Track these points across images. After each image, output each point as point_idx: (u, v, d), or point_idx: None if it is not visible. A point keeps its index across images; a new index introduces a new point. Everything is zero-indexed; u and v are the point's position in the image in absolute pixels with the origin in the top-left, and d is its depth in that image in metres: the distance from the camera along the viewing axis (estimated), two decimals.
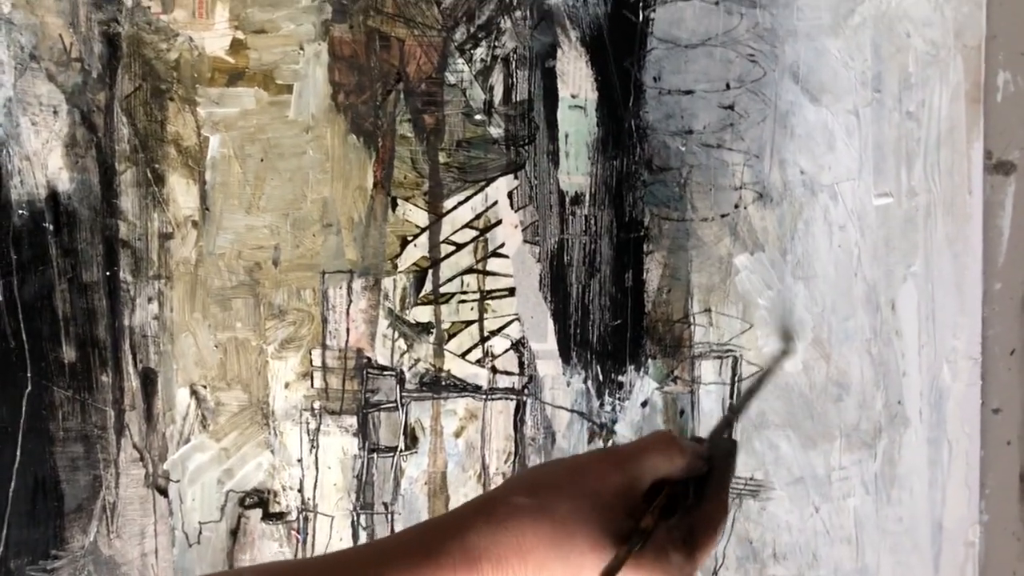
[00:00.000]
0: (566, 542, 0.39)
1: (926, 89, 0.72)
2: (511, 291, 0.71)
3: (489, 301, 0.71)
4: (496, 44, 0.70)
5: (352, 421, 0.69)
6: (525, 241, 0.71)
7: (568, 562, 0.39)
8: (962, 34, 0.72)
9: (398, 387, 0.70)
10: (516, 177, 0.70)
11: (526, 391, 0.71)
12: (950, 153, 0.72)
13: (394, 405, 0.70)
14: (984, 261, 0.73)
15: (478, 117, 0.70)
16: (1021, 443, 0.74)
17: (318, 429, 0.69)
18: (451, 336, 0.70)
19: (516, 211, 0.70)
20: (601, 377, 0.71)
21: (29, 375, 0.66)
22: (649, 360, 0.71)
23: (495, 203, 0.70)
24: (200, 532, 0.68)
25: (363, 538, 0.70)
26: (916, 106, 0.72)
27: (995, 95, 0.73)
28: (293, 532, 0.69)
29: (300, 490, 0.69)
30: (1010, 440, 0.74)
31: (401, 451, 0.70)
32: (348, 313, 0.69)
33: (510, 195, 0.70)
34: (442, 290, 0.70)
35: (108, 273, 0.67)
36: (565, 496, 0.40)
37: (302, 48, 0.68)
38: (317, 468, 0.69)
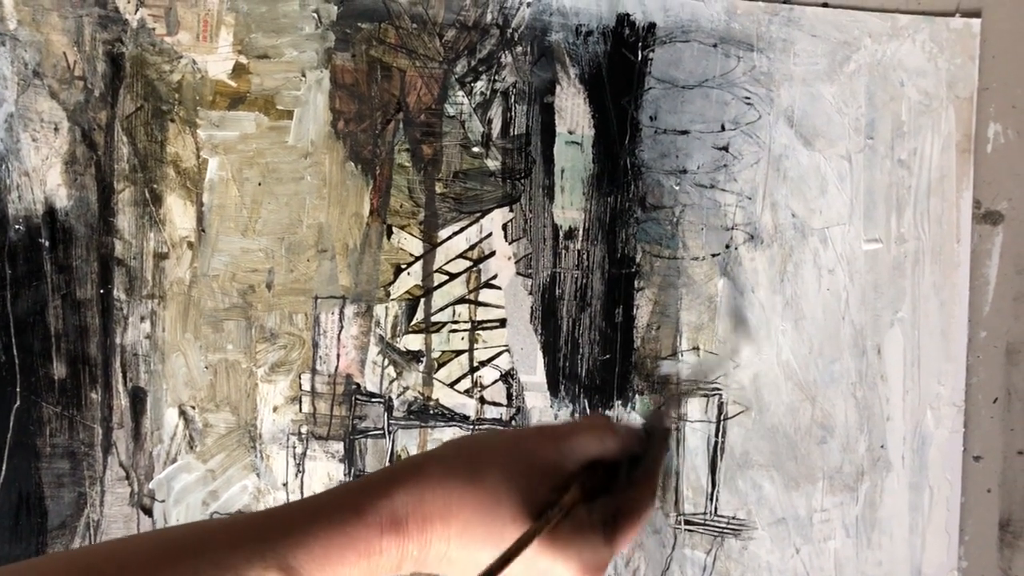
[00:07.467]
0: (492, 508, 0.39)
1: (918, 138, 0.73)
2: (502, 322, 0.71)
3: (480, 331, 0.71)
4: (496, 78, 0.71)
5: (339, 447, 0.70)
6: (518, 273, 0.71)
7: (491, 528, 0.39)
8: (955, 85, 0.73)
9: (386, 414, 0.70)
10: (511, 210, 0.71)
11: (513, 422, 0.71)
12: (940, 202, 0.73)
13: (381, 432, 0.70)
14: (970, 309, 0.74)
15: (476, 149, 0.71)
16: (1001, 491, 0.74)
17: (304, 454, 0.69)
18: (441, 365, 0.71)
19: (510, 243, 0.71)
20: (588, 411, 0.72)
21: (18, 390, 0.66)
22: (636, 396, 0.72)
23: (489, 234, 0.71)
24: None
25: None
26: (908, 154, 0.73)
27: (985, 146, 0.74)
28: None
29: None
30: (990, 488, 0.74)
31: None
32: (339, 339, 0.70)
33: (505, 227, 0.71)
34: (434, 319, 0.71)
35: (102, 291, 0.67)
36: (498, 464, 0.40)
37: (304, 75, 0.69)
38: (302, 493, 0.69)
